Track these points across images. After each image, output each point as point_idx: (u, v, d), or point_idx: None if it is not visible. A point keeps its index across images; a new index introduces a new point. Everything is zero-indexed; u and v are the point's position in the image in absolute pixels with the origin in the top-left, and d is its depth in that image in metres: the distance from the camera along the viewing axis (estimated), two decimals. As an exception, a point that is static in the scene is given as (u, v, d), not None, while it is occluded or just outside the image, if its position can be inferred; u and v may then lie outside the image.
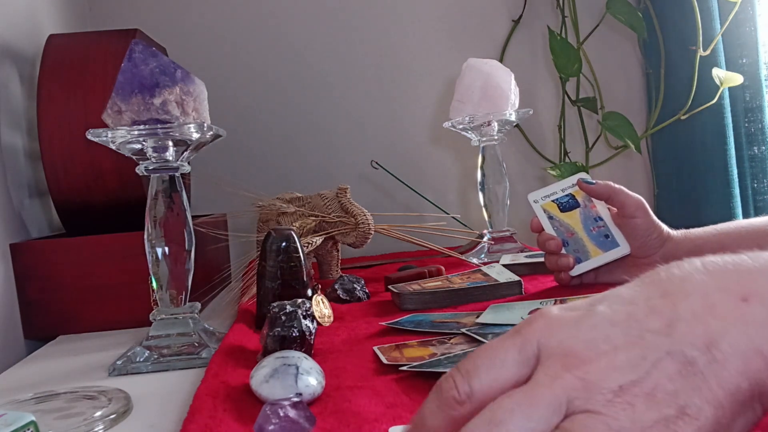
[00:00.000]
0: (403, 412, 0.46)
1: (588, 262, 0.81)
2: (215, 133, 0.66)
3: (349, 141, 1.43)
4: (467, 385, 0.28)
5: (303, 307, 0.60)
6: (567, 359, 0.27)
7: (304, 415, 0.44)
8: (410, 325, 0.68)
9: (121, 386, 0.58)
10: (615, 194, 0.79)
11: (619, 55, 1.48)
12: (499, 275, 0.83)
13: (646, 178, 1.51)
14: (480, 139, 1.09)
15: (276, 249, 0.75)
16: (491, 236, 1.10)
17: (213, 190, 1.25)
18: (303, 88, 1.42)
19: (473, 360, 0.29)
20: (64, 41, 0.94)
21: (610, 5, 1.34)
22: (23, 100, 0.98)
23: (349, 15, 1.43)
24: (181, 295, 0.68)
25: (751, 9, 1.27)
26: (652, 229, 0.78)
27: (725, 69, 1.27)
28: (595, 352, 0.27)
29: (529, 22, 1.46)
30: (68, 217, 0.93)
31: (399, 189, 1.32)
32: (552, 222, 0.84)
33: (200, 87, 0.65)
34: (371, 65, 1.44)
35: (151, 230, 0.66)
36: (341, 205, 0.99)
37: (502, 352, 0.29)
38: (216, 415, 0.47)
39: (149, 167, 0.66)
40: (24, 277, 0.85)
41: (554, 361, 0.28)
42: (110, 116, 0.63)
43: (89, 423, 0.49)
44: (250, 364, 0.56)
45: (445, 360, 0.54)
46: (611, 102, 1.43)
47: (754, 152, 1.31)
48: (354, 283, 0.88)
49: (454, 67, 1.17)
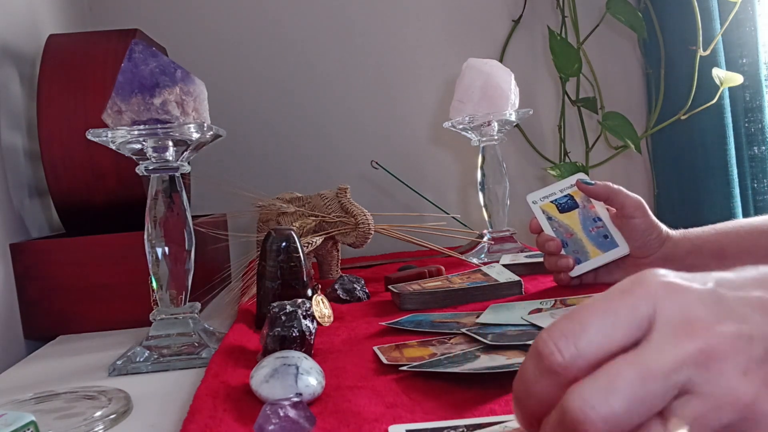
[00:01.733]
0: (403, 412, 0.46)
1: (587, 263, 0.81)
2: (215, 133, 0.66)
3: (349, 141, 1.43)
4: (573, 347, 0.26)
5: (303, 307, 0.60)
6: (690, 328, 0.25)
7: (304, 415, 0.44)
8: (410, 325, 0.68)
9: (121, 386, 0.58)
10: (614, 195, 0.79)
11: (619, 55, 1.48)
12: (499, 275, 0.83)
13: (646, 178, 1.51)
14: (480, 139, 1.09)
15: (276, 249, 0.75)
16: (491, 236, 1.10)
17: (213, 190, 1.25)
18: (303, 88, 1.42)
19: (578, 319, 0.27)
20: (64, 41, 0.94)
21: (610, 5, 1.34)
22: (23, 100, 0.98)
23: (349, 15, 1.43)
24: (181, 295, 0.68)
25: (751, 9, 1.27)
26: (652, 229, 0.78)
27: (725, 69, 1.27)
28: (722, 322, 0.25)
29: (529, 22, 1.46)
30: (68, 217, 0.93)
31: (399, 189, 1.32)
32: (551, 223, 0.84)
33: (200, 87, 0.65)
34: (371, 65, 1.44)
35: (151, 230, 0.66)
36: (341, 205, 1.00)
37: (612, 312, 0.27)
38: (216, 415, 0.47)
39: (149, 167, 0.66)
40: (24, 277, 0.85)
41: (673, 327, 0.26)
42: (110, 116, 0.63)
43: (89, 423, 0.49)
44: (250, 364, 0.56)
45: (445, 360, 0.54)
46: (611, 102, 1.43)
47: (754, 152, 1.31)
48: (354, 283, 0.88)
49: (454, 67, 1.17)
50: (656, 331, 0.26)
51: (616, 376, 0.25)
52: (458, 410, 0.45)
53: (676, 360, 0.25)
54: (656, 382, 0.24)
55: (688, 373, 0.25)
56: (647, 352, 0.25)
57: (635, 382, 0.24)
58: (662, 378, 0.24)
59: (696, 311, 0.26)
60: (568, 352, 0.26)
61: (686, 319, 0.26)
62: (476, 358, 0.54)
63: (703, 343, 0.25)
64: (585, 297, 0.72)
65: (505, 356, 0.53)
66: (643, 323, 0.26)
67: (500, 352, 0.55)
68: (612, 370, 0.25)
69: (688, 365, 0.25)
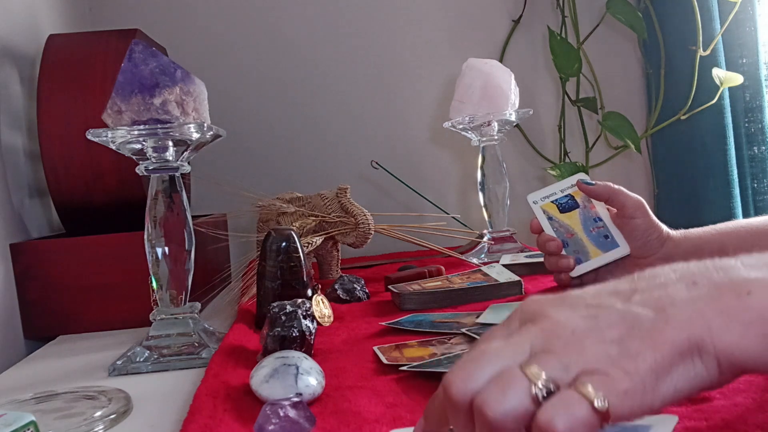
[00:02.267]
0: (403, 412, 0.46)
1: (588, 263, 0.81)
2: (215, 133, 0.66)
3: (349, 141, 1.43)
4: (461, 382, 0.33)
5: (303, 307, 0.60)
6: (535, 317, 0.33)
7: (304, 415, 0.44)
8: (410, 325, 0.68)
9: (121, 386, 0.58)
10: (614, 195, 0.79)
11: (619, 55, 1.48)
12: (499, 275, 0.83)
13: (646, 179, 1.50)
14: (480, 139, 1.09)
15: (276, 249, 0.75)
16: (491, 236, 1.10)
17: (213, 190, 1.25)
18: (303, 87, 1.42)
19: (474, 344, 0.35)
20: (64, 41, 0.94)
21: (610, 5, 1.34)
22: (23, 100, 0.98)
23: (349, 15, 1.43)
24: (181, 295, 0.68)
25: (751, 9, 1.27)
26: (652, 229, 0.78)
27: (725, 69, 1.27)
28: (558, 310, 0.33)
29: (529, 22, 1.46)
30: (68, 217, 0.93)
31: (399, 189, 1.32)
32: (551, 223, 0.84)
33: (200, 87, 0.65)
34: (371, 65, 1.44)
35: (151, 230, 0.66)
36: (341, 205, 1.00)
37: (493, 332, 0.35)
38: (216, 415, 0.47)
39: (149, 167, 0.66)
40: (24, 277, 0.85)
41: (527, 322, 0.33)
42: (110, 116, 0.63)
43: (89, 423, 0.49)
44: (250, 364, 0.56)
45: (445, 360, 0.54)
46: (611, 102, 1.43)
47: (754, 152, 1.31)
48: (354, 283, 0.88)
49: (454, 67, 1.17)
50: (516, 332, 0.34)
51: (478, 352, 0.32)
52: (458, 410, 0.45)
53: (522, 335, 0.32)
54: (506, 352, 0.31)
55: (532, 342, 0.31)
56: (506, 339, 0.33)
57: (491, 359, 0.31)
58: (511, 349, 0.31)
59: (540, 307, 0.34)
60: None
61: (533, 313, 0.34)
62: (476, 358, 0.54)
63: (543, 323, 0.32)
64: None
65: (506, 356, 0.53)
66: (513, 330, 0.34)
67: (500, 352, 0.55)
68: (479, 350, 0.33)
69: (531, 337, 0.32)
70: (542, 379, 0.29)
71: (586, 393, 0.28)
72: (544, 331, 0.32)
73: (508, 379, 0.30)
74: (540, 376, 0.29)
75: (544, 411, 0.28)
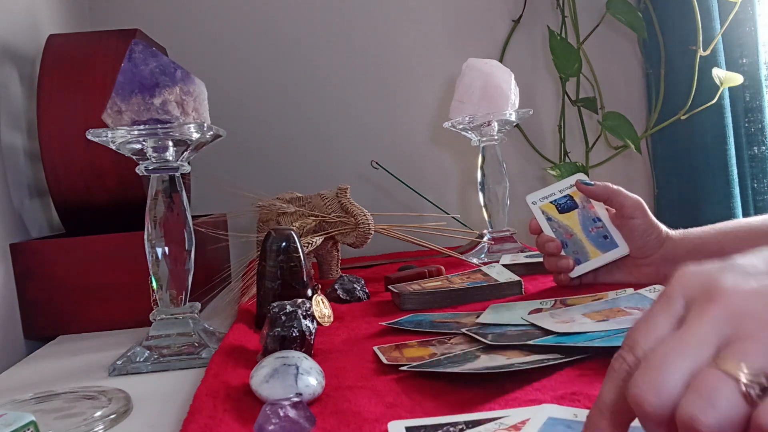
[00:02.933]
0: (403, 412, 0.46)
1: (587, 264, 0.81)
2: (215, 133, 0.66)
3: (349, 141, 1.44)
4: (632, 355, 0.30)
5: (303, 307, 0.60)
6: (706, 293, 0.29)
7: (304, 415, 0.44)
8: (410, 325, 0.68)
9: (121, 386, 0.58)
10: (613, 195, 0.79)
11: (619, 55, 1.48)
12: (499, 275, 0.83)
13: (646, 179, 1.51)
14: (480, 139, 1.09)
15: (276, 249, 0.75)
16: (491, 236, 1.10)
17: (213, 190, 1.25)
18: (303, 87, 1.42)
19: (631, 335, 0.31)
20: (64, 41, 0.94)
21: (610, 5, 1.34)
22: (23, 100, 0.98)
23: (349, 15, 1.43)
24: (181, 295, 0.68)
25: (751, 9, 1.27)
26: (651, 229, 0.78)
27: (725, 69, 1.27)
28: (734, 280, 0.29)
29: (529, 22, 1.46)
30: (68, 217, 0.93)
31: (399, 189, 1.32)
32: (551, 223, 0.84)
33: (200, 87, 0.65)
34: (371, 65, 1.44)
35: (151, 230, 0.66)
36: (341, 205, 1.00)
37: (652, 319, 0.31)
38: (216, 415, 0.47)
39: (149, 167, 0.66)
40: (24, 277, 0.85)
41: (699, 302, 0.29)
42: (110, 116, 0.63)
43: (89, 423, 0.49)
44: (250, 364, 0.56)
45: (445, 360, 0.54)
46: (611, 102, 1.43)
47: (754, 152, 1.31)
48: (354, 283, 0.88)
49: (454, 67, 1.17)
50: (688, 311, 0.30)
51: (653, 355, 0.28)
52: (458, 410, 0.45)
53: (703, 323, 0.28)
54: (689, 347, 0.27)
55: (719, 328, 0.27)
56: (681, 328, 0.29)
57: (669, 355, 0.28)
58: (695, 342, 0.27)
59: (712, 283, 0.29)
60: (630, 360, 0.30)
61: (706, 290, 0.29)
62: (476, 358, 0.54)
63: (726, 303, 0.28)
64: (585, 297, 0.72)
65: (505, 356, 0.53)
66: (681, 313, 0.30)
67: (500, 352, 0.55)
68: (651, 353, 0.29)
69: (715, 322, 0.28)
70: (747, 374, 0.26)
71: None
72: (728, 310, 0.28)
73: (708, 383, 0.26)
74: (743, 370, 0.26)
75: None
